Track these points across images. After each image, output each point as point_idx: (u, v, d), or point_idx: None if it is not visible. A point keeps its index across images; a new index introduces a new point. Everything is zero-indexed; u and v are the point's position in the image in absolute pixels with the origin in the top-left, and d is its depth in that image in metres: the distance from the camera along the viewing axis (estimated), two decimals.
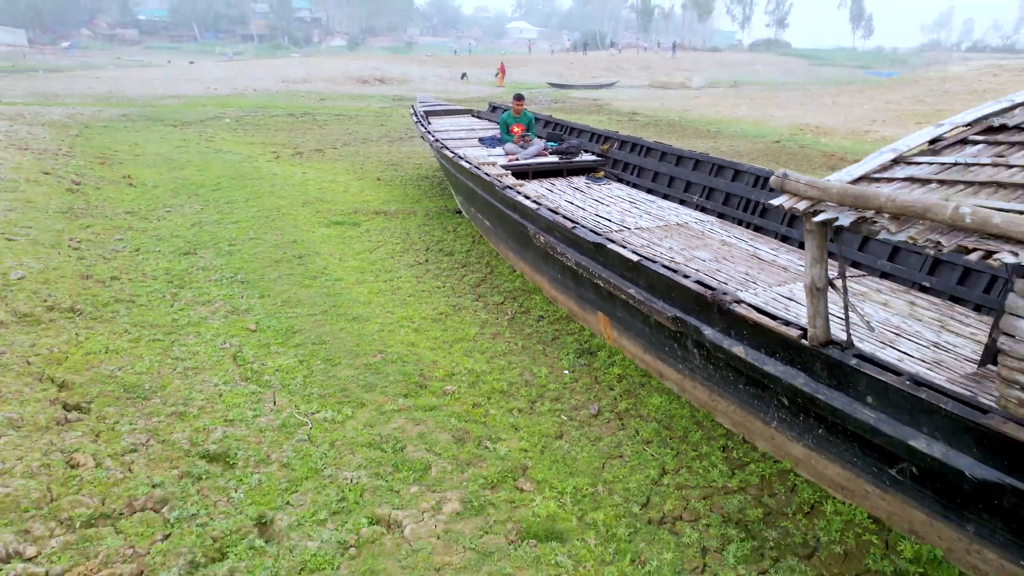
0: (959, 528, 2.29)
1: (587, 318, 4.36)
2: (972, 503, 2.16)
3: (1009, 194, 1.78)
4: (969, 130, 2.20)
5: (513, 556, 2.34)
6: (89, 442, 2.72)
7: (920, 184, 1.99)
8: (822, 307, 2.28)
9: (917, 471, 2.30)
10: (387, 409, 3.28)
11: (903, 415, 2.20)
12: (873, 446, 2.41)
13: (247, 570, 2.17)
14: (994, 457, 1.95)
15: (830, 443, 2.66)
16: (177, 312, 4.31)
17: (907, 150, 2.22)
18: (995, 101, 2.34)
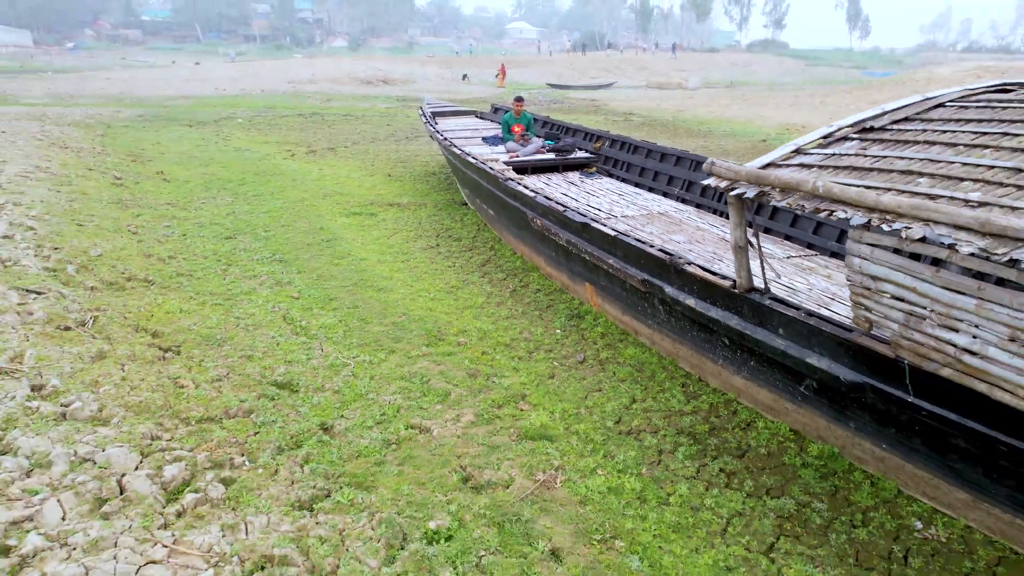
0: (845, 427, 3.08)
1: (577, 289, 5.15)
2: (850, 405, 2.95)
3: (859, 174, 2.56)
4: (850, 130, 2.97)
5: (514, 449, 3.14)
6: (186, 372, 3.51)
7: (807, 169, 2.76)
8: (744, 261, 3.07)
9: (816, 385, 3.09)
10: (413, 354, 4.07)
11: (803, 340, 2.98)
12: (787, 369, 3.20)
13: (318, 455, 2.96)
14: (857, 364, 2.74)
15: (759, 372, 3.45)
16: (230, 284, 5.10)
17: (805, 143, 3.00)
18: (873, 109, 3.12)
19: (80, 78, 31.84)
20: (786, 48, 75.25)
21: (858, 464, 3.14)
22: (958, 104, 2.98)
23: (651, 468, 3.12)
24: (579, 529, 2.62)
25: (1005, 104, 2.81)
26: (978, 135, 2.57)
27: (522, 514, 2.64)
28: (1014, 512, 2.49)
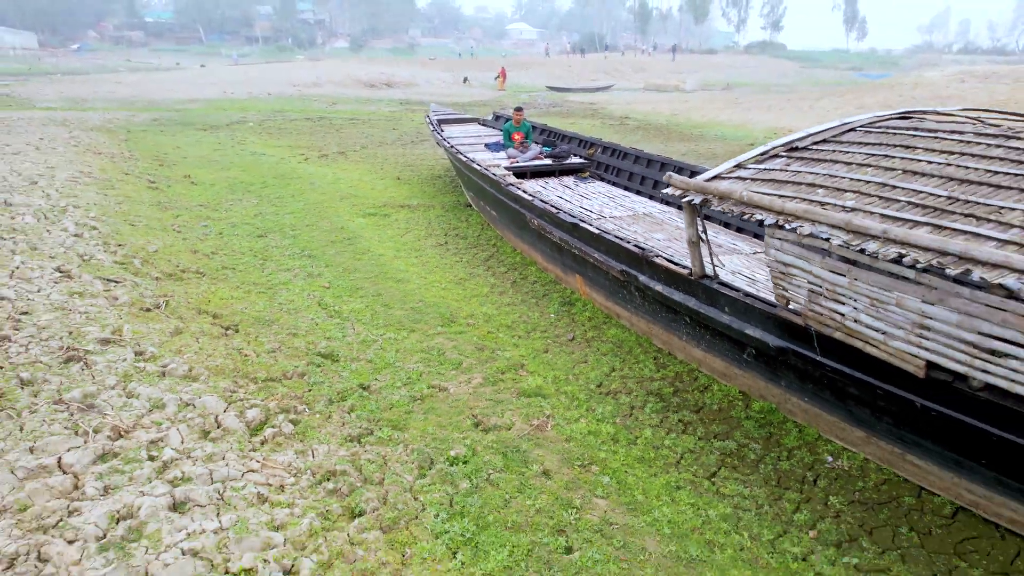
0: (778, 386, 3.87)
1: (568, 280, 5.94)
2: (779, 367, 3.74)
3: (777, 186, 3.35)
4: (781, 149, 3.76)
5: (514, 403, 3.93)
6: (246, 345, 4.30)
7: (742, 181, 3.55)
8: (697, 253, 3.87)
9: (754, 352, 3.88)
10: (430, 333, 4.87)
11: (742, 316, 3.78)
12: (732, 340, 3.99)
13: (360, 406, 3.75)
14: (781, 332, 3.53)
15: (713, 345, 4.24)
16: (268, 276, 5.89)
17: (746, 159, 3.79)
18: (803, 131, 3.91)
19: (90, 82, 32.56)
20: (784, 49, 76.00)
21: (789, 416, 3.93)
22: (865, 129, 3.77)
23: (624, 419, 3.92)
24: (564, 458, 3.42)
25: (897, 131, 3.60)
26: (867, 156, 3.36)
27: (520, 447, 3.44)
28: (893, 444, 3.29)
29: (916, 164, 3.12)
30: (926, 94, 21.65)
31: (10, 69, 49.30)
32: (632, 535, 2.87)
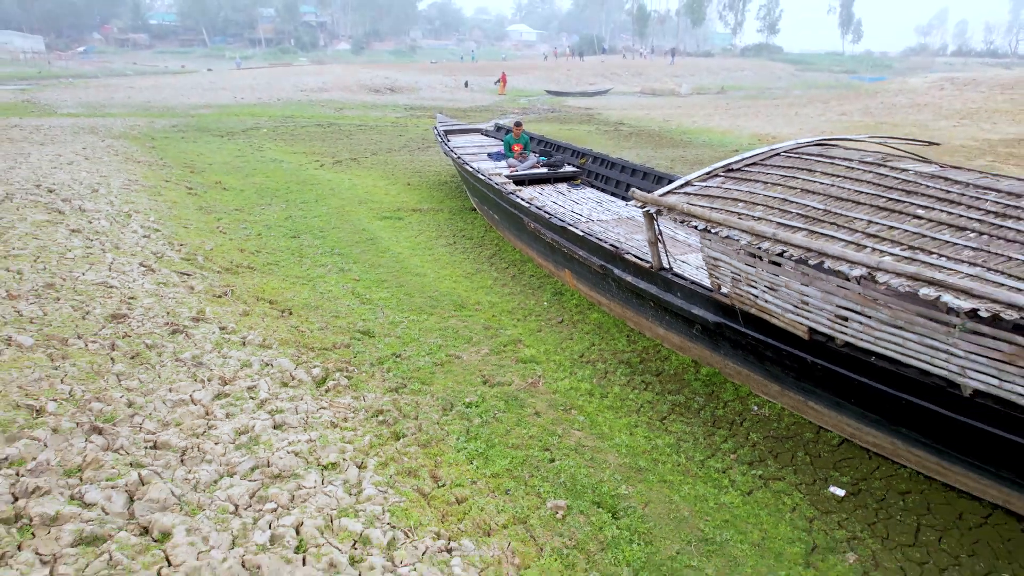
0: (718, 354, 4.97)
1: (559, 274, 7.05)
2: (718, 338, 4.84)
3: (710, 200, 4.44)
4: (721, 170, 4.85)
5: (514, 367, 5.04)
6: (300, 324, 5.41)
7: (688, 196, 4.64)
8: (655, 251, 4.97)
9: (700, 327, 4.98)
10: (445, 316, 5.97)
11: (690, 299, 4.87)
12: (684, 318, 5.08)
13: (395, 368, 4.85)
14: (716, 310, 4.63)
15: (671, 323, 5.34)
16: (307, 270, 7.00)
17: (694, 178, 4.88)
18: (742, 154, 5.00)
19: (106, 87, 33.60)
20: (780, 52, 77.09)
21: (728, 377, 5.03)
22: (786, 154, 4.87)
23: (599, 380, 5.03)
24: (550, 404, 4.52)
25: (807, 156, 4.70)
26: (780, 176, 4.46)
27: (518, 397, 4.55)
28: (798, 393, 4.39)
29: (810, 184, 4.23)
30: (905, 101, 22.76)
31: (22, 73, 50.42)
32: (598, 453, 3.98)
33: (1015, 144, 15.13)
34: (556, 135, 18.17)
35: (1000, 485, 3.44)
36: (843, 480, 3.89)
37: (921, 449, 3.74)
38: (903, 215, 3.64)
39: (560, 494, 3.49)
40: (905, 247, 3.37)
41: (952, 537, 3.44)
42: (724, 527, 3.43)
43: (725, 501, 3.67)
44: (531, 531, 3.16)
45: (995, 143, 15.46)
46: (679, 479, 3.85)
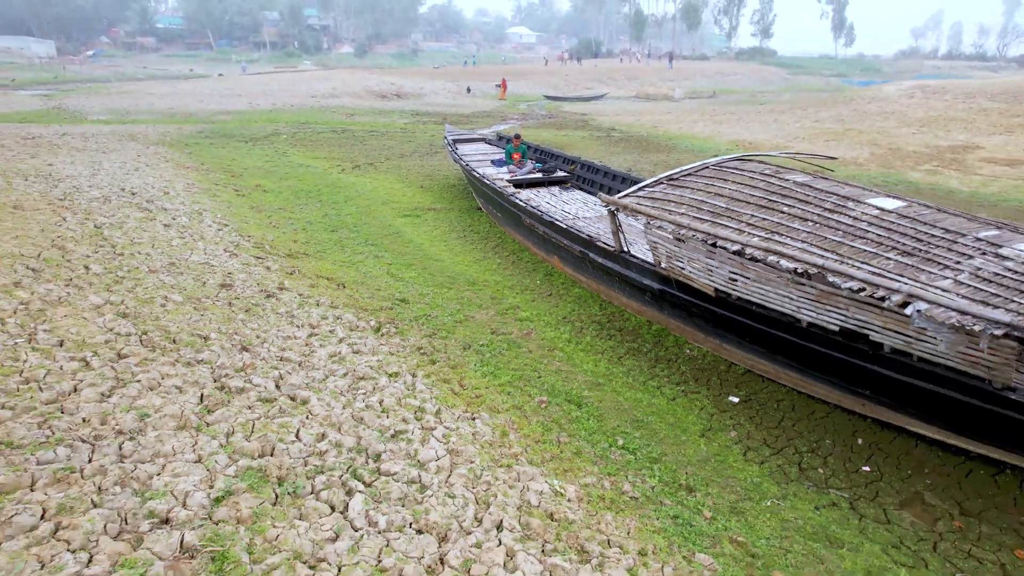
0: (663, 314, 6.78)
1: (549, 260, 8.85)
2: (663, 302, 6.64)
3: (652, 202, 6.23)
4: (665, 179, 6.64)
5: (514, 324, 6.85)
6: (354, 294, 7.21)
7: (639, 199, 6.43)
8: (615, 238, 6.77)
9: (651, 295, 6.78)
10: (461, 290, 7.78)
11: (642, 273, 6.67)
12: (639, 288, 6.88)
13: (427, 323, 6.65)
14: (659, 280, 6.43)
15: (631, 293, 7.14)
16: (348, 256, 8.79)
17: (647, 184, 6.67)
18: (686, 166, 6.78)
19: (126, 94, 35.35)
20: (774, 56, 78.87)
21: (671, 331, 6.84)
22: (713, 167, 6.67)
23: (576, 332, 6.83)
24: (540, 346, 6.33)
25: (725, 168, 6.49)
26: (704, 184, 6.25)
27: (517, 341, 6.36)
28: (715, 338, 6.18)
29: (721, 189, 6.03)
30: (875, 108, 24.55)
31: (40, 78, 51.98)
32: (571, 374, 5.79)
33: (959, 151, 16.93)
34: (552, 140, 20.01)
35: (832, 389, 5.24)
36: (739, 393, 5.70)
37: (788, 370, 5.55)
38: (772, 210, 5.45)
39: (543, 394, 5.30)
40: (767, 232, 5.18)
41: (803, 424, 5.25)
42: (651, 415, 5.24)
43: (654, 402, 5.48)
44: (524, 412, 4.96)
45: (943, 149, 17.27)
46: (625, 390, 5.65)
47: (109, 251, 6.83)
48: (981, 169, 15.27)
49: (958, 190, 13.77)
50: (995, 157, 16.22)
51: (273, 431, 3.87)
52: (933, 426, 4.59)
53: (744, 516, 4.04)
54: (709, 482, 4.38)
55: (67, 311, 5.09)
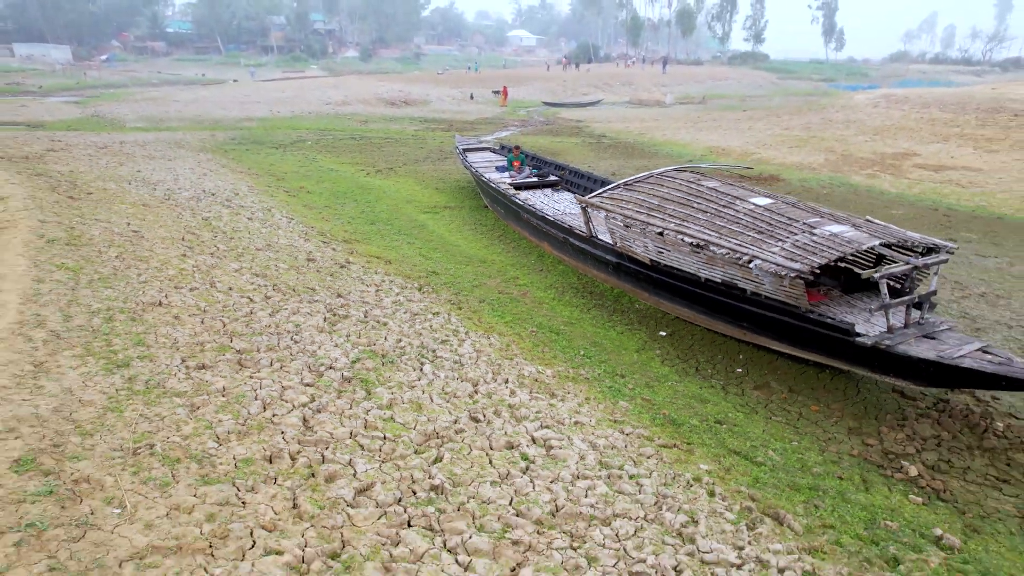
0: (619, 280, 9.49)
1: (541, 245, 11.56)
2: (620, 271, 9.34)
3: (611, 201, 8.91)
4: (622, 184, 9.31)
5: (514, 288, 9.57)
6: (399, 268, 9.91)
7: (601, 198, 9.09)
8: (586, 227, 9.46)
9: (610, 267, 9.48)
10: (475, 266, 10.49)
11: (604, 251, 9.37)
12: (604, 263, 9.58)
13: (453, 286, 9.35)
14: (615, 256, 9.12)
15: (599, 267, 9.85)
16: (388, 243, 11.48)
17: (609, 187, 9.33)
18: (639, 174, 9.44)
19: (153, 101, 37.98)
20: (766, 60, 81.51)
21: (626, 293, 9.54)
22: (657, 176, 9.35)
23: (558, 294, 9.54)
24: (533, 301, 9.04)
25: (665, 176, 9.18)
26: (648, 188, 8.93)
27: (516, 299, 9.07)
28: (653, 295, 8.88)
29: (658, 192, 8.73)
30: (840, 117, 27.22)
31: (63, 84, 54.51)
32: (553, 318, 8.50)
33: (899, 157, 19.63)
34: (548, 146, 22.72)
35: (725, 324, 7.93)
36: (667, 330, 8.41)
37: (698, 313, 8.24)
38: (686, 206, 8.15)
39: (534, 327, 8.00)
40: (680, 220, 7.88)
41: (705, 347, 7.95)
42: (604, 340, 7.94)
43: (608, 334, 8.19)
44: (520, 336, 7.65)
45: (886, 156, 19.98)
46: (590, 328, 8.36)
47: (223, 236, 9.55)
48: (912, 174, 17.97)
49: (888, 191, 16.49)
50: (927, 163, 18.91)
51: (371, 335, 6.58)
52: (778, 342, 7.28)
53: (652, 388, 6.74)
54: (634, 373, 7.08)
55: (222, 272, 7.80)
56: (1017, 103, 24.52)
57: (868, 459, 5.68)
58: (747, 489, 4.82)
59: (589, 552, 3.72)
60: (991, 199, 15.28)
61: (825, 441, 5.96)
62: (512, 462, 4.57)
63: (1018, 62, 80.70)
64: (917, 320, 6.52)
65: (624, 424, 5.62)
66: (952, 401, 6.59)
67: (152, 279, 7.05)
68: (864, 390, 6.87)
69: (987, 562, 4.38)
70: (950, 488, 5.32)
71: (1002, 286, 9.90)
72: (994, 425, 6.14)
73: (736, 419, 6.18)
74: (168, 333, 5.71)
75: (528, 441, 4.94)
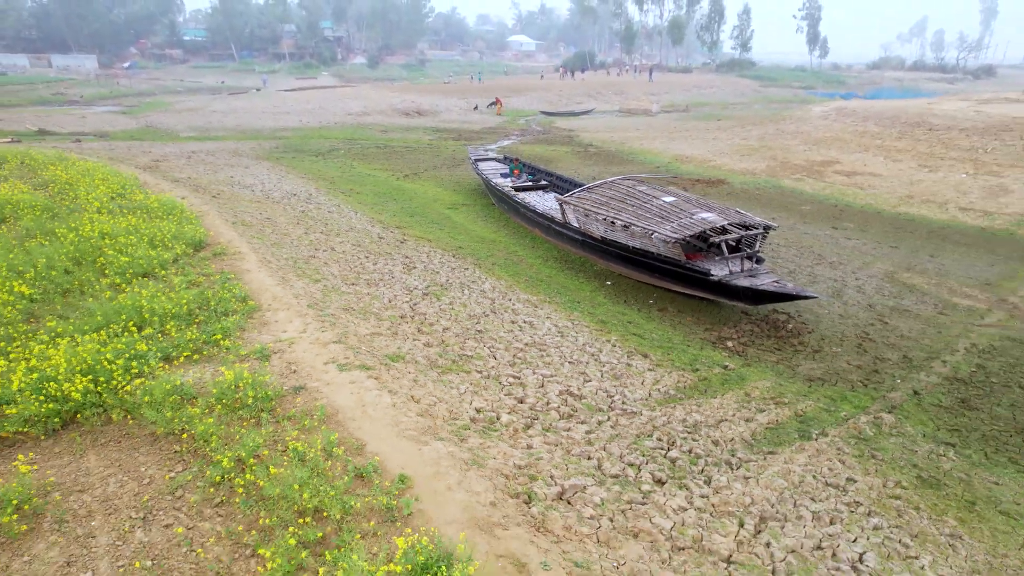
0: (585, 252, 14.27)
1: (534, 231, 16.35)
2: (585, 247, 14.10)
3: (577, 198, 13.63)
4: (586, 187, 14.02)
5: (514, 258, 14.35)
6: (437, 245, 14.68)
7: (572, 196, 13.81)
8: (563, 217, 14.22)
9: (578, 243, 14.24)
10: (488, 245, 15.28)
11: (575, 233, 14.13)
12: (575, 241, 14.35)
13: (478, 255, 14.11)
14: (581, 235, 13.89)
15: (570, 243, 14.63)
16: (427, 227, 16.23)
17: (579, 189, 14.04)
18: (598, 181, 14.15)
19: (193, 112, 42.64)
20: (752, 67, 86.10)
21: (588, 260, 14.30)
22: (611, 181, 14.10)
23: (544, 261, 14.32)
24: (528, 266, 13.83)
25: (614, 183, 13.93)
26: (602, 190, 13.68)
27: (516, 264, 13.85)
28: (606, 261, 13.65)
29: (607, 193, 13.50)
30: (793, 128, 31.94)
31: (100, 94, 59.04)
32: (540, 273, 13.28)
33: (824, 164, 24.39)
34: (543, 154, 27.50)
35: (646, 275, 12.68)
36: (611, 280, 13.18)
37: (629, 270, 13.00)
38: (622, 202, 12.93)
39: (526, 277, 12.75)
40: (617, 211, 12.65)
41: (632, 290, 12.73)
42: (570, 285, 12.72)
43: (575, 284, 12.99)
44: (518, 281, 12.41)
45: (815, 163, 24.73)
46: (562, 278, 13.13)
47: (320, 222, 14.32)
48: (829, 178, 22.73)
49: (806, 192, 21.26)
50: (843, 169, 23.66)
51: (432, 277, 11.36)
52: (671, 283, 12.03)
53: (594, 308, 11.49)
54: (586, 301, 11.83)
55: (332, 243, 12.58)
56: (937, 119, 29.25)
57: (708, 340, 10.47)
58: (634, 346, 9.59)
59: (549, 356, 8.49)
60: (877, 199, 20.06)
61: (687, 333, 10.75)
62: (513, 325, 9.35)
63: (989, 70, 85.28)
64: (748, 270, 11.28)
65: (574, 320, 10.40)
66: (771, 316, 11.37)
67: (299, 245, 11.81)
68: (723, 311, 11.66)
69: (748, 376, 9.14)
70: (747, 352, 10.09)
71: (848, 258, 14.67)
72: (787, 325, 10.93)
73: (639, 322, 10.97)
74: (328, 270, 10.47)
75: (521, 321, 9.71)
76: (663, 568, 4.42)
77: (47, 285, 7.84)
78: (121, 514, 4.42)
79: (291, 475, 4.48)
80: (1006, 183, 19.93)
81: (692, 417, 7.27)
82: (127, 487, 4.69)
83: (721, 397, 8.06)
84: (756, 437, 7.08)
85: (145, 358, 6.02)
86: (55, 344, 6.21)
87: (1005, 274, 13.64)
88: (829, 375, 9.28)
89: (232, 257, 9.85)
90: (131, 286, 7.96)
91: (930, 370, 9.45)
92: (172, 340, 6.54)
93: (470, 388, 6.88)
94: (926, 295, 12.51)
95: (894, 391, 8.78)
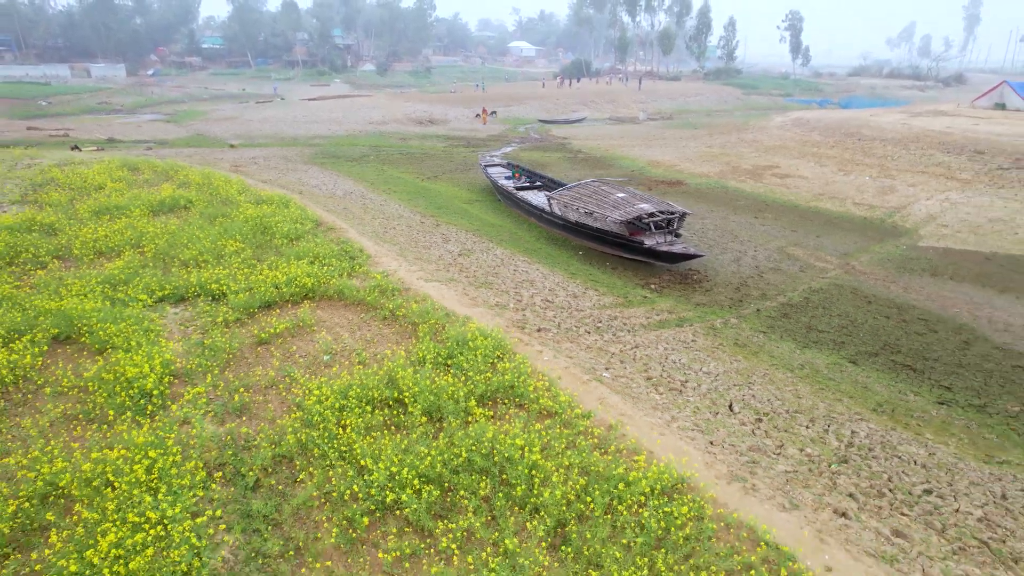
0: (565, 233, 20.12)
1: (530, 219, 22.21)
2: (566, 230, 19.94)
3: (559, 194, 19.43)
4: (566, 187, 19.78)
5: (516, 239, 20.20)
6: (461, 229, 20.52)
7: (557, 192, 19.59)
8: (550, 208, 20.06)
9: (561, 227, 20.08)
10: (496, 230, 21.12)
11: (559, 219, 19.97)
12: (559, 225, 20.18)
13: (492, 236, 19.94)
14: (564, 220, 19.73)
15: (556, 227, 20.48)
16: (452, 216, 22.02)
17: (563, 188, 19.80)
18: (579, 181, 19.91)
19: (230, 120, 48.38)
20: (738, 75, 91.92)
21: (569, 240, 20.14)
22: (583, 183, 19.92)
23: (536, 240, 20.16)
24: (525, 244, 19.70)
25: (591, 183, 19.76)
26: (579, 187, 19.49)
27: (516, 241, 19.70)
28: (582, 240, 19.50)
29: (579, 191, 19.36)
30: (751, 137, 37.75)
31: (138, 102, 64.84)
32: (534, 248, 19.13)
33: (765, 169, 30.20)
34: (539, 160, 33.37)
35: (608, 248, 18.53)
36: (582, 252, 19.02)
37: (596, 245, 18.85)
38: (589, 197, 18.79)
39: (525, 248, 18.58)
40: (585, 203, 18.50)
41: (596, 259, 18.59)
42: (555, 254, 18.56)
43: (557, 253, 18.82)
44: (517, 251, 18.23)
45: (759, 167, 30.54)
46: (548, 250, 18.97)
47: (379, 213, 20.16)
48: (766, 180, 28.53)
49: (745, 191, 27.09)
50: (779, 173, 29.46)
51: (465, 246, 17.22)
52: (622, 252, 17.87)
53: (569, 269, 17.29)
54: (565, 264, 17.63)
55: (392, 225, 18.44)
56: (869, 129, 35.04)
57: (638, 284, 16.31)
58: (590, 285, 15.41)
59: (536, 287, 14.35)
60: (797, 196, 25.88)
61: (627, 280, 16.58)
62: (515, 272, 15.21)
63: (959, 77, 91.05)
64: (669, 241, 17.11)
65: (554, 271, 16.25)
66: (685, 272, 17.21)
67: (374, 225, 17.64)
68: (653, 269, 17.50)
69: (657, 301, 14.97)
70: (662, 291, 15.93)
71: (756, 237, 20.49)
72: (693, 276, 16.78)
73: (596, 274, 16.82)
74: (398, 239, 16.31)
75: (520, 270, 15.56)
76: (595, 358, 10.31)
77: (248, 242, 13.68)
78: (355, 332, 10.27)
79: (416, 311, 10.34)
80: (895, 184, 25.75)
81: (616, 315, 13.11)
82: (344, 319, 10.54)
83: (636, 308, 13.91)
84: (649, 325, 12.92)
85: (330, 274, 11.87)
86: (278, 267, 12.06)
87: (859, 248, 19.46)
88: (710, 303, 15.09)
89: (339, 231, 15.68)
90: (294, 244, 13.78)
91: (775, 299, 15.27)
92: (336, 267, 12.37)
93: (492, 294, 12.72)
94: (798, 261, 18.32)
95: (745, 310, 14.60)
